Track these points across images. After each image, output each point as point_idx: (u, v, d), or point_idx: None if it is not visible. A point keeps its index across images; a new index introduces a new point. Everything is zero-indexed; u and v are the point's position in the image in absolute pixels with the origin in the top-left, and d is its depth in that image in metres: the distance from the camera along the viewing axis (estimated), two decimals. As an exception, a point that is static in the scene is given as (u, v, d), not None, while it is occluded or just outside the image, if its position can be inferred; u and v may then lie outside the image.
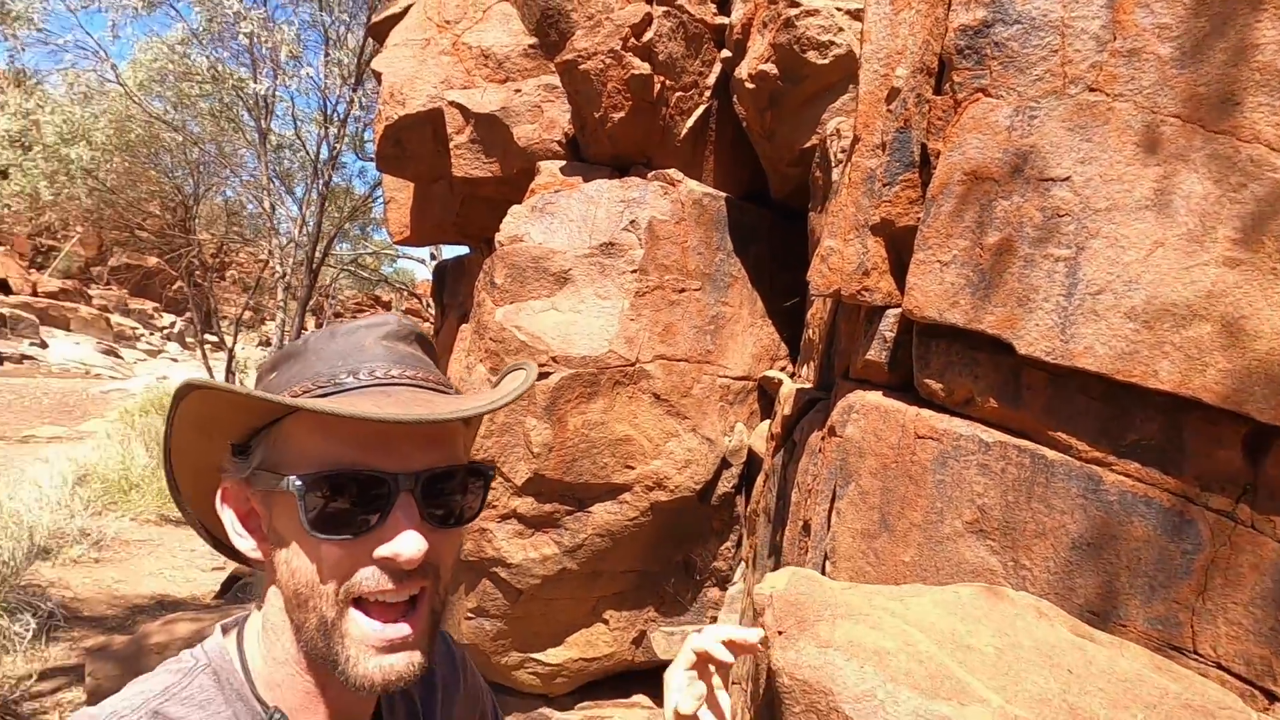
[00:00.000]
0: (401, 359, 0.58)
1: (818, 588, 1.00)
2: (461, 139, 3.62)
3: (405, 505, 0.53)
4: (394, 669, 0.54)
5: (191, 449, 0.60)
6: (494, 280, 3.13)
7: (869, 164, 1.34)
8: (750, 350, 3.47)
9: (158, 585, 5.45)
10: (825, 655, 0.83)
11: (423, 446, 0.54)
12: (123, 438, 8.21)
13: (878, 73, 1.33)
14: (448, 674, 0.73)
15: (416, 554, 0.52)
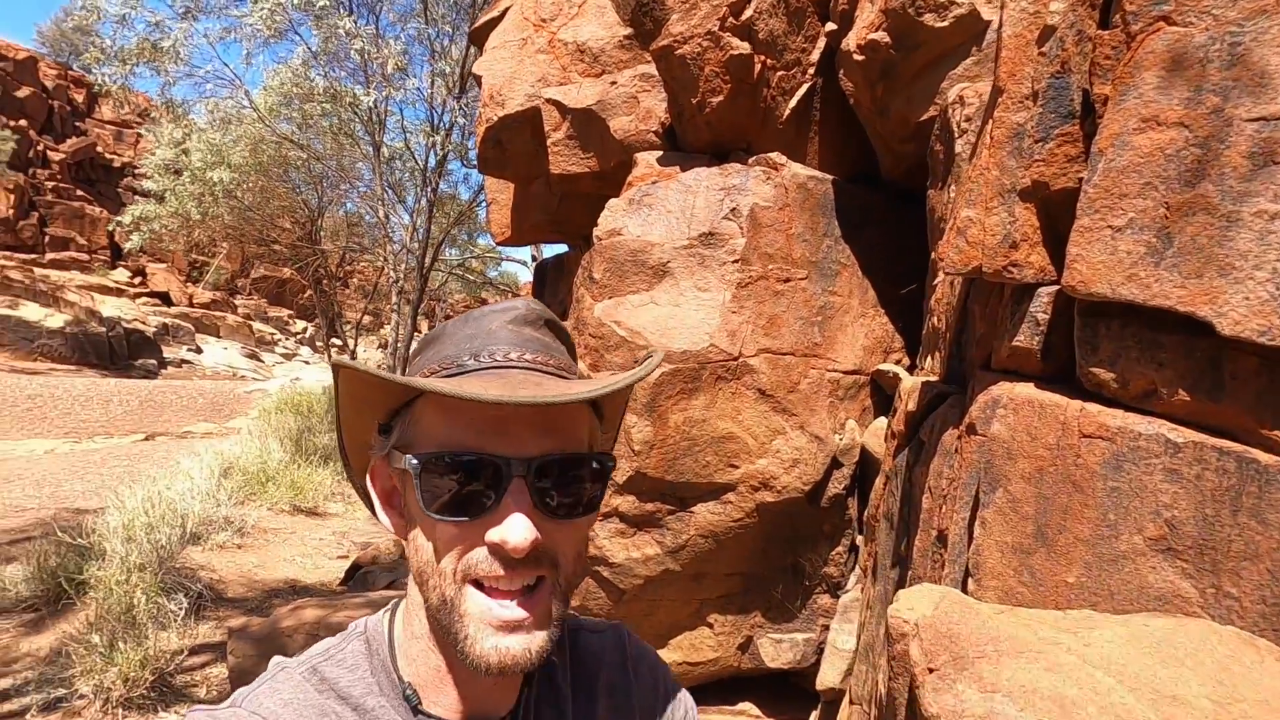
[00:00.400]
0: (524, 342, 0.58)
1: (973, 615, 0.84)
2: (558, 135, 3.61)
3: (517, 491, 0.52)
4: (510, 651, 0.52)
5: (352, 425, 0.62)
6: (592, 275, 3.09)
7: (1016, 119, 1.15)
8: (861, 342, 3.24)
9: (290, 571, 5.86)
10: (992, 703, 0.68)
11: (539, 433, 0.53)
12: (261, 434, 8.95)
13: (1026, 11, 1.14)
14: (615, 678, 0.67)
15: (523, 542, 0.51)
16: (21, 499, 7.24)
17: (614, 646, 0.68)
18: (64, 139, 32.45)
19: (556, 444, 0.54)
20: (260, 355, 30.89)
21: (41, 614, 4.34)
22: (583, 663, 0.66)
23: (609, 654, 0.67)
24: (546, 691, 0.62)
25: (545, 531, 0.53)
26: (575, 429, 0.56)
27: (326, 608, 3.97)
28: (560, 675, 0.64)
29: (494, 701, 0.60)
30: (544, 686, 0.63)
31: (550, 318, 0.62)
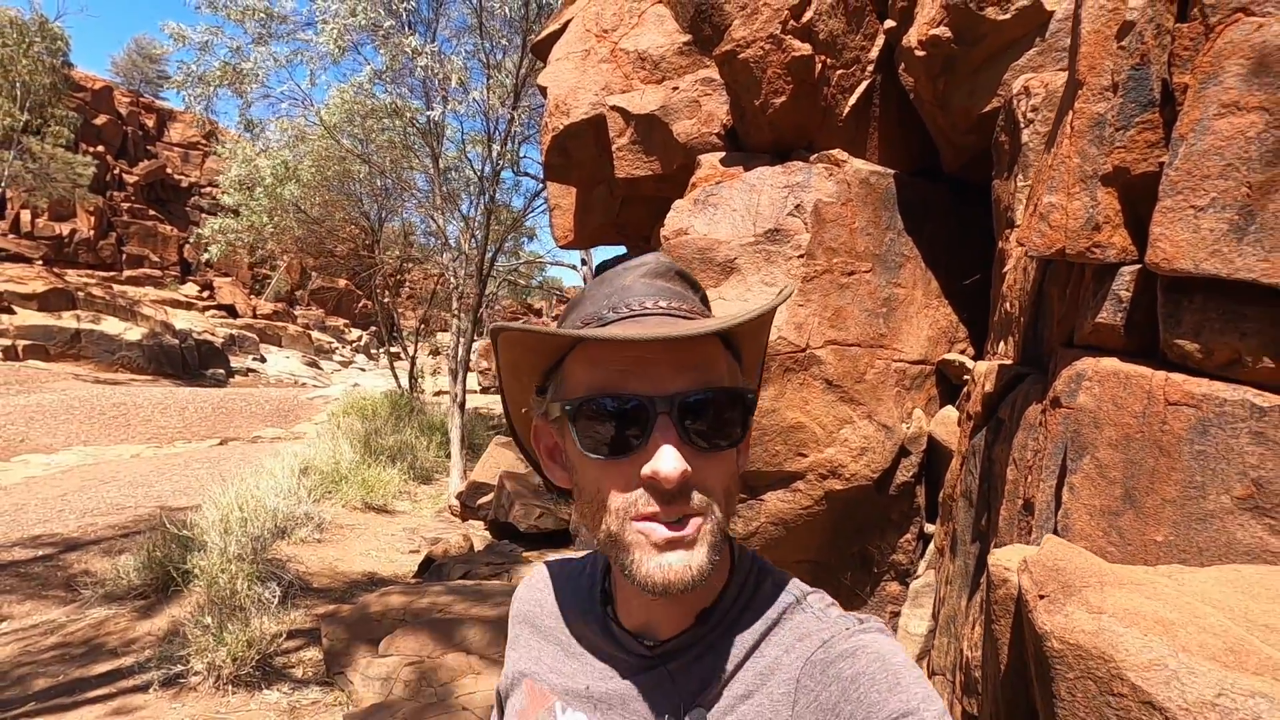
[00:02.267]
0: (657, 291, 0.61)
1: (1076, 554, 0.93)
2: (622, 141, 3.76)
3: (663, 426, 0.55)
4: (672, 568, 0.55)
5: (513, 393, 0.68)
6: (661, 273, 3.21)
7: (1096, 109, 1.22)
8: (926, 333, 3.29)
9: (367, 564, 6.16)
10: (1100, 621, 0.77)
11: (678, 371, 0.56)
12: (332, 436, 9.39)
13: (1104, 7, 1.21)
14: (752, 684, 0.60)
15: (673, 471, 0.54)
16: (120, 498, 7.78)
17: (803, 654, 0.58)
18: (137, 162, 34.42)
19: (695, 380, 0.56)
20: (319, 363, 32.10)
21: (151, 600, 4.70)
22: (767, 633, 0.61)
23: (784, 660, 0.59)
24: (717, 639, 0.61)
25: (694, 465, 0.55)
26: (713, 366, 0.58)
27: (410, 594, 4.20)
28: (737, 633, 0.61)
29: (666, 625, 0.63)
30: (717, 634, 0.61)
31: (680, 269, 0.64)
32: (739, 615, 0.61)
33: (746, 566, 0.64)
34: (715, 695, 0.60)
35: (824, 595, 0.63)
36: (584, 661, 0.67)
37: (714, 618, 0.62)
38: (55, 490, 8.52)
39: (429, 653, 3.64)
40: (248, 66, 6.54)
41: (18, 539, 5.96)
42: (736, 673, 0.59)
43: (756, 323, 0.59)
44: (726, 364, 0.60)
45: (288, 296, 39.46)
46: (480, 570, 4.93)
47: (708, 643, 0.61)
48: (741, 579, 0.63)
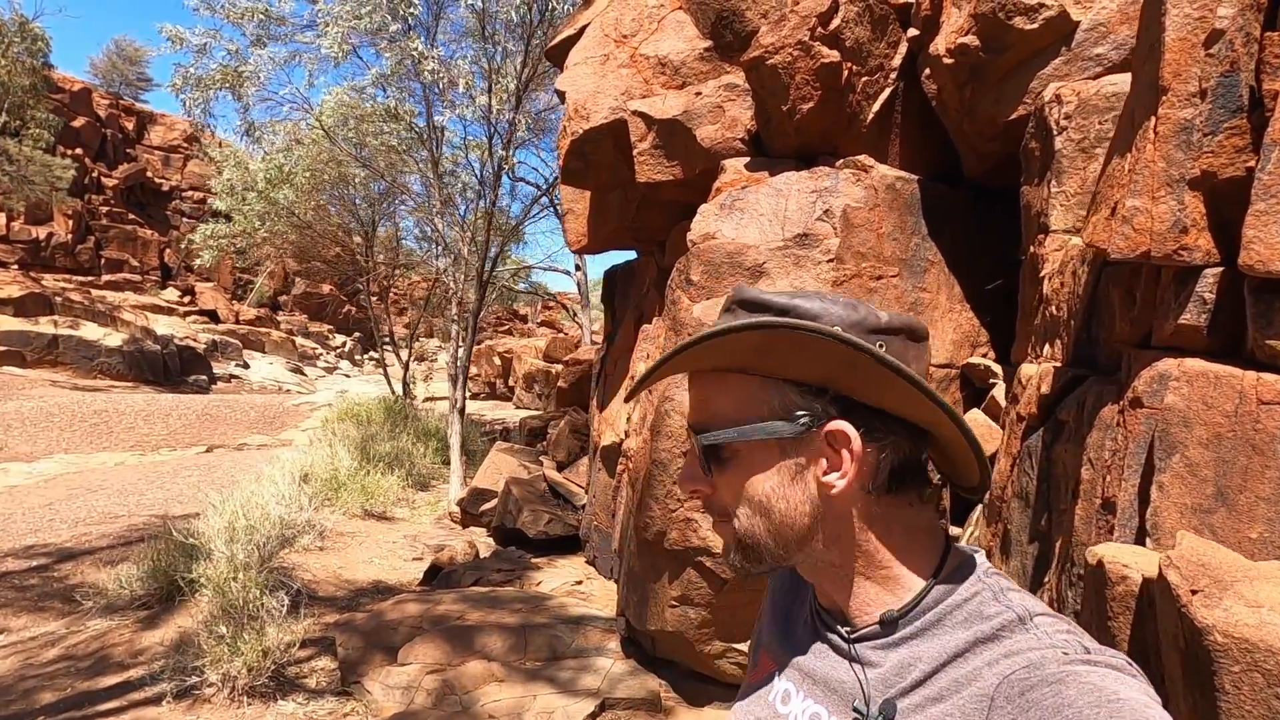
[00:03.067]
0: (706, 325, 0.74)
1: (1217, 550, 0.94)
2: (644, 146, 3.76)
3: (692, 449, 0.68)
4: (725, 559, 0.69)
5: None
6: (690, 278, 3.22)
7: (1182, 114, 1.24)
8: (950, 337, 3.33)
9: (372, 572, 6.08)
10: (1260, 615, 0.78)
11: (694, 408, 0.68)
12: (328, 442, 9.26)
13: (1189, 16, 1.24)
14: (947, 689, 0.58)
15: (684, 488, 0.69)
16: (111, 507, 7.61)
17: (1004, 671, 0.55)
18: (116, 165, 33.86)
19: (695, 416, 0.67)
20: (304, 369, 31.70)
21: (155, 610, 4.60)
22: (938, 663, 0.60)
23: (985, 673, 0.56)
24: (916, 639, 0.62)
25: (715, 480, 0.66)
26: (706, 403, 0.66)
27: (425, 602, 4.15)
28: (941, 637, 0.61)
29: (851, 613, 0.66)
30: (914, 634, 0.62)
31: (742, 298, 0.65)
32: (943, 620, 0.61)
33: (964, 576, 0.63)
34: (908, 692, 0.60)
35: (1063, 622, 0.59)
36: (800, 637, 0.72)
37: (901, 623, 0.63)
38: (40, 499, 8.32)
39: (449, 660, 3.59)
40: (248, 69, 6.46)
41: (9, 549, 5.81)
42: (934, 675, 0.59)
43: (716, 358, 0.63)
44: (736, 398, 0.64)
45: (270, 302, 38.98)
46: (492, 577, 4.88)
47: (902, 639, 0.62)
48: (949, 588, 0.62)
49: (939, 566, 0.64)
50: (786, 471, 0.63)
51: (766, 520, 0.64)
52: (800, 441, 0.63)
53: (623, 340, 4.84)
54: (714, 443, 0.64)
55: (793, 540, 0.64)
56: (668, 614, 3.36)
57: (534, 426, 9.60)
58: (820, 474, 0.63)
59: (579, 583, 5.01)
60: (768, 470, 0.64)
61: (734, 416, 0.63)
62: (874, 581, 0.64)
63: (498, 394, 20.25)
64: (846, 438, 0.62)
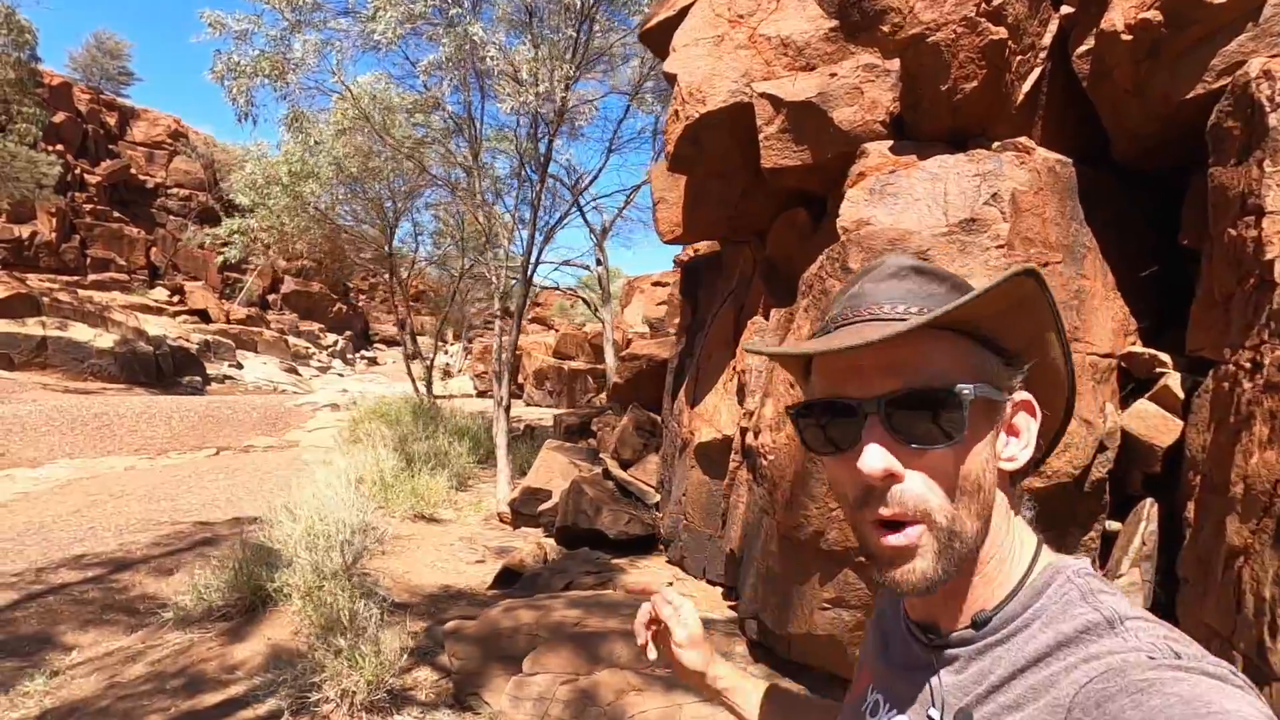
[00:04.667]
0: (882, 295, 0.61)
1: None
2: (771, 129, 3.61)
3: (871, 426, 0.57)
4: (891, 577, 0.58)
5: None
6: (847, 265, 3.08)
7: None
8: (1110, 326, 3.22)
9: (437, 576, 5.89)
10: None
11: (885, 373, 0.57)
12: (359, 442, 9.02)
13: None
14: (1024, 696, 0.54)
15: (875, 467, 0.56)
16: (147, 513, 7.33)
17: (1082, 678, 0.51)
18: (98, 162, 32.97)
19: (901, 381, 0.57)
20: (298, 369, 31.15)
21: (235, 622, 4.38)
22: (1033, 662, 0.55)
23: (1062, 679, 0.52)
24: (998, 644, 0.58)
25: (908, 463, 0.57)
26: (923, 364, 0.57)
27: (538, 609, 3.98)
28: (1023, 640, 0.57)
29: (944, 621, 0.63)
30: (998, 638, 0.58)
31: (918, 265, 0.64)
32: (1029, 624, 0.57)
33: (1053, 577, 0.59)
34: (985, 699, 0.57)
35: (1161, 626, 0.53)
36: (893, 649, 0.70)
37: (992, 624, 0.59)
38: (64, 506, 8.00)
39: (579, 670, 3.43)
40: (295, 55, 6.20)
41: (60, 560, 5.54)
42: (1011, 680, 0.55)
43: (979, 309, 0.56)
44: (952, 358, 0.58)
45: (259, 301, 38.26)
46: (584, 581, 4.72)
47: (986, 645, 0.59)
48: (1038, 589, 0.58)
49: (1030, 565, 0.61)
50: (991, 444, 0.59)
51: (976, 501, 0.58)
52: (1002, 409, 0.59)
53: (718, 333, 4.69)
54: (975, 395, 0.56)
55: (986, 525, 0.59)
56: (817, 617, 3.23)
57: (572, 424, 9.42)
58: (1001, 448, 0.60)
59: (670, 584, 4.86)
60: (985, 440, 0.58)
61: (962, 376, 0.57)
62: (988, 582, 0.60)
63: (506, 392, 20.16)
64: (1034, 408, 0.60)
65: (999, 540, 0.60)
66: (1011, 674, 0.56)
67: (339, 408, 21.29)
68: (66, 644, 4.35)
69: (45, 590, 4.94)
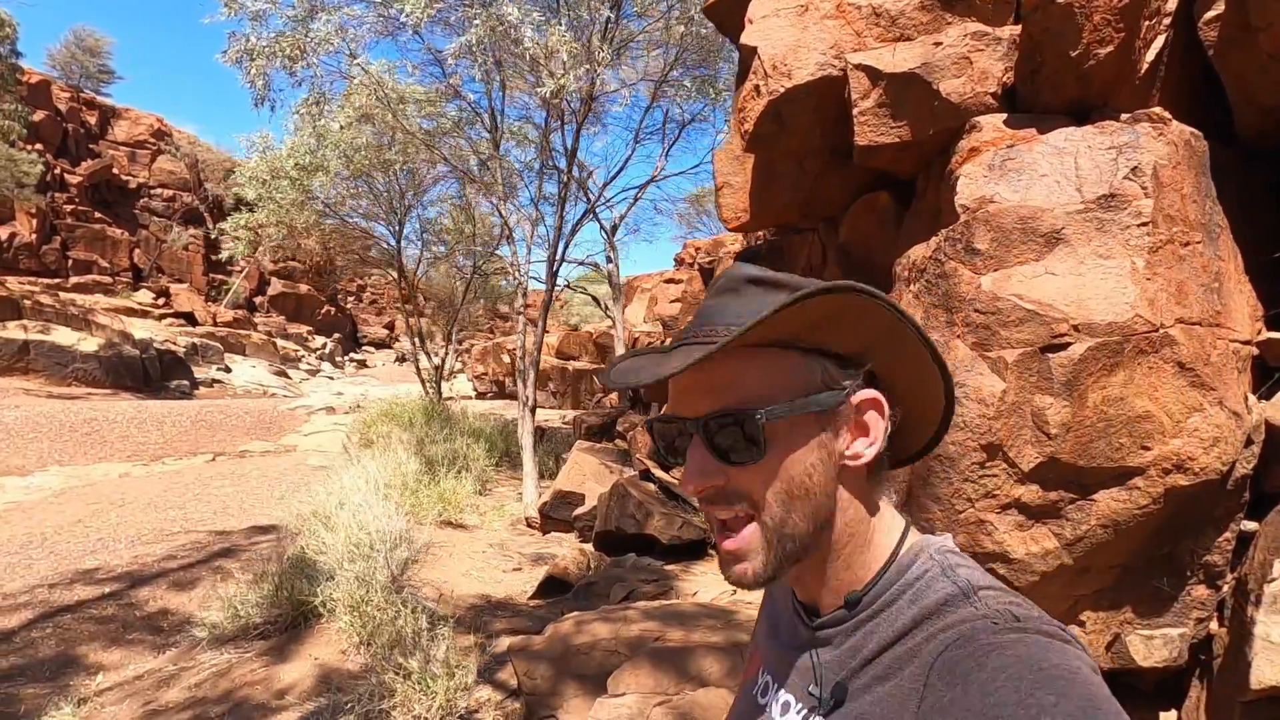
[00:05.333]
0: (713, 312, 0.63)
1: None
2: (867, 104, 3.37)
3: (695, 444, 0.62)
4: (730, 574, 0.63)
5: None
6: (973, 247, 2.84)
7: None
8: (1245, 310, 3.01)
9: (474, 586, 5.59)
10: None
11: (704, 395, 0.61)
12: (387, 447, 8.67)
13: None
14: (899, 674, 0.57)
15: (691, 483, 0.62)
16: (156, 523, 6.95)
17: (939, 647, 0.54)
18: (79, 161, 32.11)
19: (715, 403, 0.60)
20: (287, 372, 30.52)
21: (275, 640, 4.06)
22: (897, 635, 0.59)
23: (924, 649, 0.56)
24: (868, 620, 0.62)
25: (731, 476, 0.61)
26: (735, 384, 0.60)
27: (611, 622, 3.70)
28: (890, 616, 0.61)
29: (821, 602, 0.67)
30: (868, 615, 0.62)
31: (754, 275, 0.64)
32: (895, 599, 0.61)
33: (917, 555, 0.63)
34: (858, 671, 0.61)
35: (1008, 594, 0.58)
36: (780, 633, 0.73)
37: (863, 602, 0.63)
38: (64, 516, 7.59)
39: (668, 689, 3.16)
40: (318, 33, 5.84)
41: (72, 574, 5.17)
42: (881, 653, 0.60)
43: (777, 328, 0.59)
44: (766, 375, 0.61)
45: (245, 303, 37.47)
46: (645, 590, 4.45)
47: (858, 622, 0.63)
48: (904, 567, 0.62)
49: (897, 547, 0.64)
50: (821, 448, 0.62)
51: (805, 503, 0.61)
52: (834, 414, 0.62)
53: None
54: (768, 419, 0.59)
55: (822, 524, 0.63)
56: (933, 628, 2.98)
57: (594, 424, 9.15)
58: (844, 447, 0.62)
59: (734, 591, 4.60)
60: (807, 447, 0.61)
61: (771, 394, 0.61)
62: (850, 567, 0.64)
63: (507, 393, 19.60)
64: (881, 405, 0.63)
65: (854, 527, 0.63)
66: (881, 647, 0.59)
67: (335, 411, 20.85)
68: (90, 666, 4.01)
69: (61, 608, 4.58)
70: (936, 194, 3.50)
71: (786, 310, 0.56)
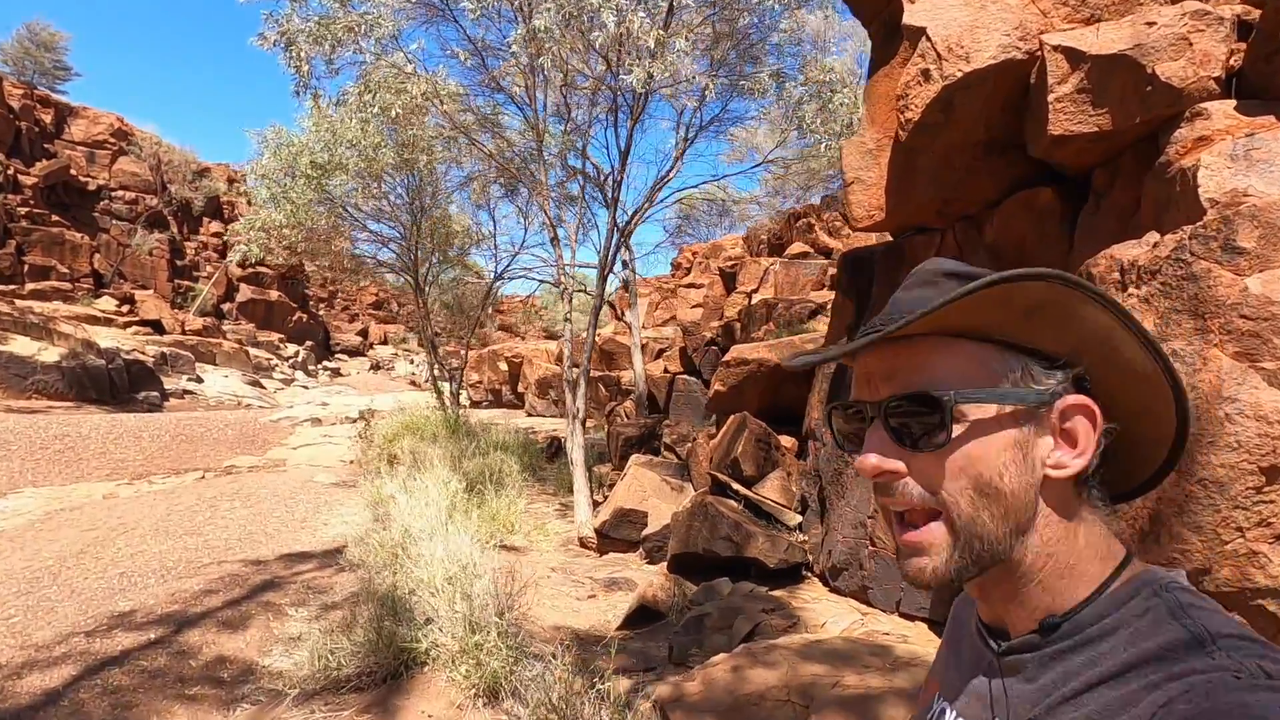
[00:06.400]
0: (895, 305, 0.62)
1: None
2: (1064, 89, 3.07)
3: (874, 428, 0.60)
4: (907, 568, 0.60)
5: None
6: (1234, 245, 2.54)
7: None
8: None
9: (554, 617, 5.14)
10: None
11: (886, 379, 0.60)
12: (385, 457, 8.12)
13: None
14: (1096, 714, 0.51)
15: (866, 465, 0.59)
16: (177, 552, 6.29)
17: (1162, 698, 0.47)
18: (34, 162, 30.41)
19: (897, 387, 0.59)
20: (261, 382, 29.28)
21: (373, 694, 3.56)
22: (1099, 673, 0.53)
23: (1142, 699, 0.49)
24: (1071, 653, 0.56)
25: (912, 463, 0.59)
26: (920, 369, 0.58)
27: (769, 665, 3.31)
28: (1098, 652, 0.54)
29: (1011, 624, 0.61)
30: (1069, 647, 0.56)
31: (952, 269, 0.62)
32: (1106, 635, 0.54)
33: (1138, 590, 0.55)
34: (1054, 710, 0.54)
35: (1260, 645, 0.48)
36: (961, 656, 0.69)
37: (1062, 630, 0.56)
38: (62, 546, 6.87)
39: (868, 745, 2.79)
40: (371, 18, 5.34)
41: (107, 618, 4.56)
42: (1085, 693, 0.53)
43: (955, 318, 0.56)
44: (954, 363, 0.58)
45: (214, 310, 35.93)
46: (770, 621, 4.06)
47: (1057, 653, 0.57)
48: (1120, 600, 0.55)
49: (1111, 577, 0.57)
50: (1019, 447, 0.57)
51: (996, 503, 0.57)
52: (1036, 415, 0.58)
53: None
54: (958, 401, 0.57)
55: (1018, 529, 0.58)
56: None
57: (631, 435, 8.73)
58: (1045, 454, 0.58)
59: (863, 619, 4.25)
60: (1000, 443, 0.57)
61: (963, 381, 0.58)
62: (1049, 590, 0.58)
63: (504, 402, 18.98)
64: (1092, 413, 0.58)
65: (1053, 546, 0.58)
66: (1085, 687, 0.54)
67: (321, 422, 19.96)
68: (155, 731, 3.46)
69: (106, 660, 4.00)
70: (1131, 189, 3.22)
71: (987, 292, 0.54)
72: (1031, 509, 0.57)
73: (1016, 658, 0.59)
